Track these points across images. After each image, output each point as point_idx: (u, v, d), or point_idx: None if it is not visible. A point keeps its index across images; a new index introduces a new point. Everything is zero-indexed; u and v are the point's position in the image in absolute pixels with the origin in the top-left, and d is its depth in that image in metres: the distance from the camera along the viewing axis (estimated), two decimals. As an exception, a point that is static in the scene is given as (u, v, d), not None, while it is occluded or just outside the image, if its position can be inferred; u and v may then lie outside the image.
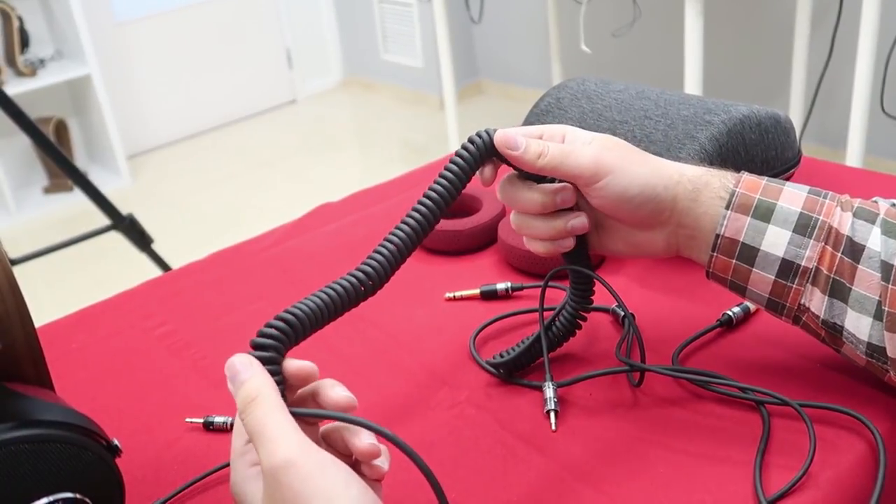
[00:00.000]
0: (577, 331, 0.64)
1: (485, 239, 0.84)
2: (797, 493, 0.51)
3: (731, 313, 0.67)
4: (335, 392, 0.44)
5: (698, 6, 2.06)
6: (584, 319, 0.63)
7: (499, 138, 0.54)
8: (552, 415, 0.59)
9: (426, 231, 0.52)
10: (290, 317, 0.45)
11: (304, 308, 0.46)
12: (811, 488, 0.51)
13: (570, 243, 0.58)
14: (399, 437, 0.41)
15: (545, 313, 0.64)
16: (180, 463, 0.60)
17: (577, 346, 0.67)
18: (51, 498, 0.43)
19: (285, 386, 0.44)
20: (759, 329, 0.67)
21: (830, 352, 0.62)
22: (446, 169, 0.54)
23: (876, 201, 0.55)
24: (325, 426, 0.46)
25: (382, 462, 0.44)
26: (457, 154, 0.55)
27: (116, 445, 0.47)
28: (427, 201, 0.52)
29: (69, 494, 0.44)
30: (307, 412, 0.44)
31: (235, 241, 0.93)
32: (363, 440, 0.43)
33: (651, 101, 0.80)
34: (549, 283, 0.64)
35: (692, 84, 2.16)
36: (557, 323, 0.63)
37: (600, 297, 0.71)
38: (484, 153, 0.55)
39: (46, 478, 0.43)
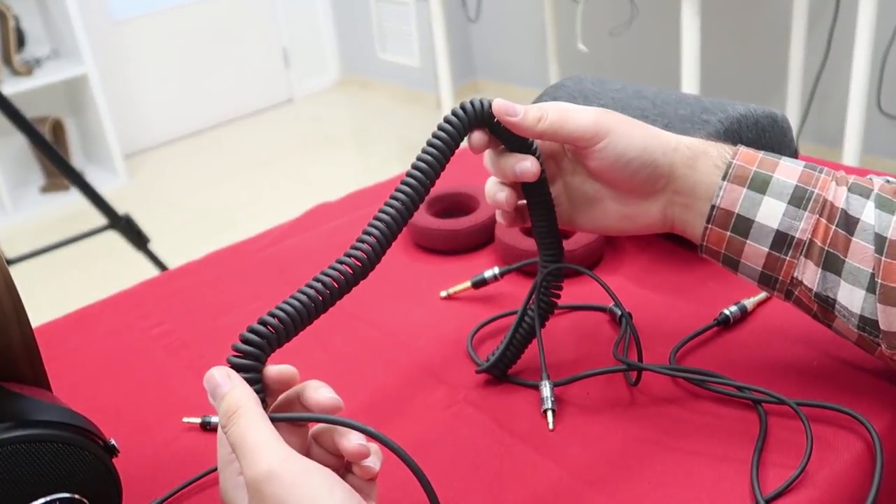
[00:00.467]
0: (554, 309, 0.63)
1: (482, 238, 0.84)
2: (794, 492, 0.51)
3: (727, 312, 0.67)
4: (320, 394, 0.44)
5: (695, 5, 2.07)
6: (558, 296, 0.62)
7: (497, 105, 0.54)
8: (549, 414, 0.59)
9: (416, 205, 0.52)
10: (272, 320, 0.45)
11: (288, 308, 0.45)
12: (808, 487, 0.51)
13: (507, 194, 0.58)
14: (386, 436, 0.41)
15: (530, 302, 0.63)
16: (178, 463, 0.60)
17: (574, 345, 0.67)
18: (48, 498, 0.43)
19: (266, 392, 0.44)
20: (755, 328, 0.67)
21: (827, 350, 0.63)
22: (433, 136, 0.53)
23: (870, 178, 0.55)
24: (315, 428, 0.46)
25: (373, 462, 0.44)
26: (445, 120, 0.53)
27: (113, 445, 0.47)
28: (416, 172, 0.51)
29: (66, 494, 0.44)
30: (288, 417, 0.44)
31: (233, 240, 0.93)
32: (351, 441, 0.43)
33: (648, 100, 0.80)
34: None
35: (689, 83, 2.16)
36: (532, 307, 0.62)
37: (598, 296, 0.71)
38: (473, 121, 0.54)
39: (43, 478, 0.43)
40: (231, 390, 0.42)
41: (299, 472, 0.39)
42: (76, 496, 0.44)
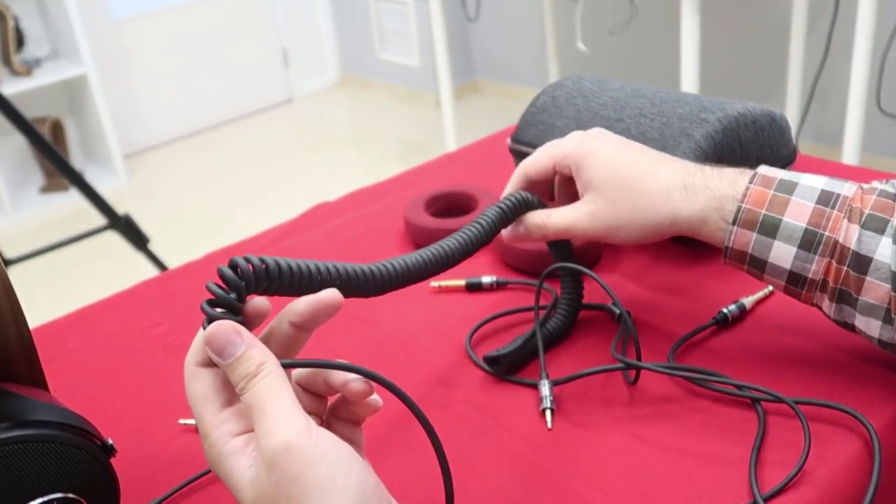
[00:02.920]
0: (572, 328, 0.64)
1: (481, 237, 0.84)
2: (793, 490, 0.51)
3: (726, 311, 0.67)
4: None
5: (694, 4, 2.07)
6: (576, 316, 0.64)
7: (506, 237, 0.65)
8: (548, 413, 0.59)
9: (458, 259, 0.57)
10: (253, 260, 0.42)
11: (269, 260, 0.43)
12: (807, 485, 0.51)
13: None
14: (394, 384, 0.41)
15: (539, 311, 0.64)
16: (176, 463, 0.60)
17: (573, 343, 0.67)
18: (45, 498, 0.43)
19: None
20: (754, 327, 0.67)
21: (826, 349, 0.63)
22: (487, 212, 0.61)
23: (893, 198, 0.53)
24: (307, 372, 0.44)
25: (376, 399, 0.43)
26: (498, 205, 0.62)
27: (111, 445, 0.47)
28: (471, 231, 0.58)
29: (64, 495, 0.44)
30: (299, 363, 0.42)
31: (232, 240, 0.93)
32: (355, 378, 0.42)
33: (647, 98, 0.80)
34: (543, 285, 0.64)
35: (688, 82, 2.16)
36: (553, 321, 0.63)
37: (596, 294, 0.71)
38: (518, 210, 0.63)
39: (41, 478, 0.43)
40: (248, 350, 0.39)
41: (317, 450, 0.37)
42: (74, 496, 0.44)
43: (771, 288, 0.70)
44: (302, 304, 0.43)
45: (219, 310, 0.41)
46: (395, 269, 0.51)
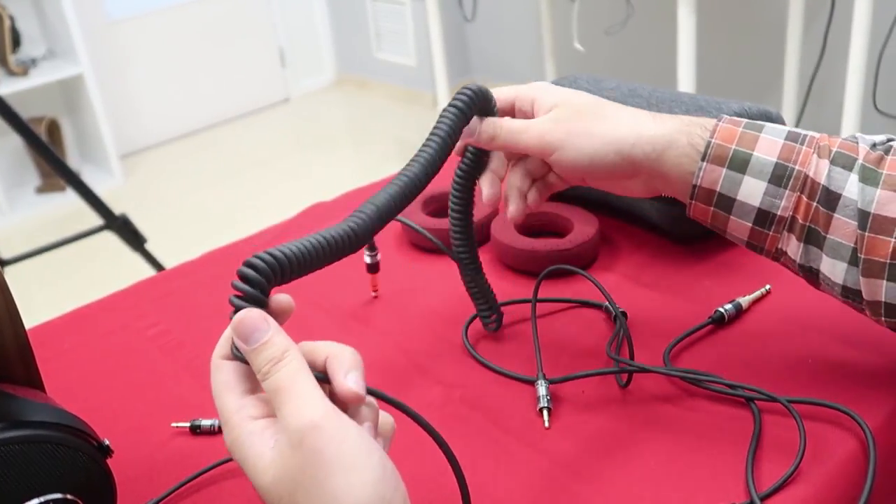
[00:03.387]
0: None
1: (477, 237, 0.84)
2: (788, 489, 0.51)
3: (722, 310, 0.67)
4: (348, 381, 0.40)
5: (691, 4, 2.07)
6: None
7: (465, 132, 0.58)
8: (545, 412, 0.59)
9: (429, 178, 0.53)
10: (278, 253, 0.43)
11: (293, 248, 0.43)
12: (802, 484, 0.51)
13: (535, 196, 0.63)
14: (410, 408, 0.41)
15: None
16: (173, 463, 0.60)
17: (570, 342, 0.68)
18: (42, 499, 0.43)
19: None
20: (750, 326, 0.67)
21: (822, 348, 0.63)
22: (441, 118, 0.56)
23: (856, 141, 0.54)
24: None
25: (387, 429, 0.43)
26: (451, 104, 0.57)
27: (108, 446, 0.47)
28: (427, 149, 0.53)
29: (60, 495, 0.44)
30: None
31: (229, 240, 0.93)
32: (349, 380, 0.40)
33: (643, 98, 0.80)
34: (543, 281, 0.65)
35: (685, 82, 2.16)
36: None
37: (594, 293, 0.71)
38: (476, 105, 0.58)
39: (37, 479, 0.43)
40: (275, 336, 0.40)
41: (342, 430, 0.37)
42: (70, 497, 0.44)
43: (768, 287, 0.70)
44: None
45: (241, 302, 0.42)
46: (375, 210, 0.50)
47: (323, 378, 0.41)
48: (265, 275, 0.42)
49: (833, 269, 0.53)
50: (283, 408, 0.38)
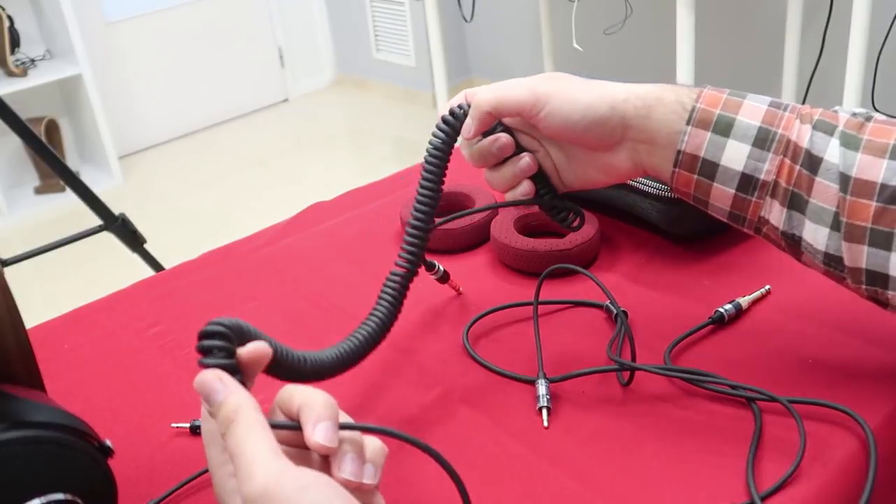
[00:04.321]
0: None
1: (477, 238, 0.84)
2: (789, 489, 0.51)
3: (722, 311, 0.67)
4: (316, 435, 0.40)
5: (689, 3, 2.07)
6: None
7: (463, 134, 0.60)
8: (544, 412, 0.59)
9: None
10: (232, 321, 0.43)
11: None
12: (803, 484, 0.51)
13: (527, 186, 0.61)
14: (415, 438, 0.40)
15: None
16: (173, 463, 0.60)
17: (571, 341, 0.67)
18: (43, 499, 0.43)
19: (244, 376, 0.42)
20: (750, 326, 0.67)
21: (823, 348, 0.63)
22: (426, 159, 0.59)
23: (836, 111, 0.55)
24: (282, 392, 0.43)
25: (370, 476, 0.41)
26: (437, 127, 0.60)
27: (108, 446, 0.47)
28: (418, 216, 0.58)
29: (61, 496, 0.44)
30: (284, 425, 0.41)
31: (228, 240, 0.93)
32: (316, 434, 0.39)
33: (642, 98, 0.80)
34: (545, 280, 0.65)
35: (684, 81, 2.16)
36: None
37: (594, 293, 0.71)
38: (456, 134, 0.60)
39: (38, 479, 0.43)
40: (227, 397, 0.40)
41: (295, 490, 0.37)
42: (71, 497, 0.44)
43: (768, 287, 0.70)
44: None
45: (212, 360, 0.42)
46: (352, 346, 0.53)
47: (297, 427, 0.41)
48: (226, 335, 0.42)
49: (815, 235, 0.53)
50: (238, 473, 0.38)
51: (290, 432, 0.41)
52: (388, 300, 0.58)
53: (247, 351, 0.43)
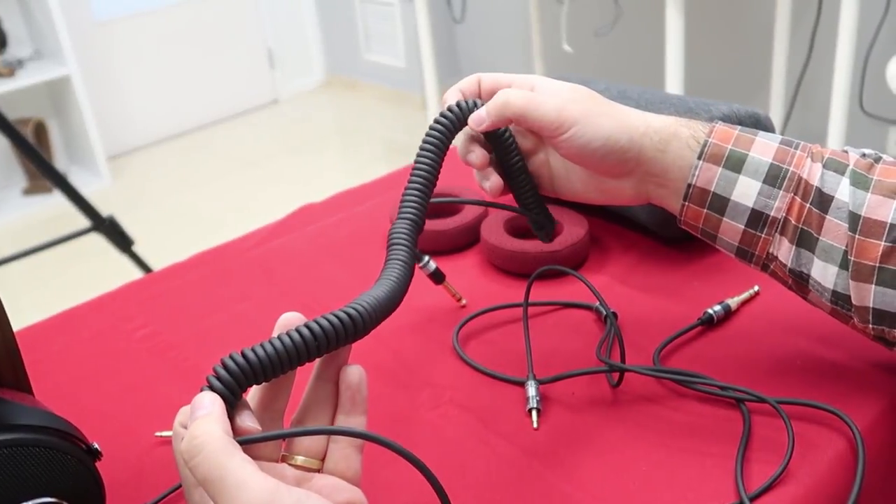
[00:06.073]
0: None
1: (467, 239, 0.84)
2: (778, 489, 0.51)
3: (711, 312, 0.67)
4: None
5: (679, 6, 2.08)
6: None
7: (471, 121, 0.58)
8: (534, 413, 0.59)
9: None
10: (252, 355, 0.41)
11: (269, 349, 0.42)
12: (792, 484, 0.51)
13: (495, 180, 0.61)
14: (389, 439, 0.40)
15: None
16: (162, 467, 0.60)
17: (560, 343, 0.68)
18: (31, 502, 0.43)
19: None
20: (739, 327, 0.67)
21: (811, 349, 0.63)
22: (424, 141, 0.57)
23: (846, 151, 0.55)
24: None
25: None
26: (436, 120, 0.58)
27: (96, 449, 0.47)
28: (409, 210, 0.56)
29: (49, 499, 0.43)
30: (261, 437, 0.40)
31: (218, 241, 0.92)
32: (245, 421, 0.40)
33: (632, 100, 0.80)
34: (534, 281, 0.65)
35: (673, 83, 2.17)
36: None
37: (584, 295, 0.72)
38: (459, 124, 0.59)
39: (25, 482, 0.43)
40: (194, 424, 0.38)
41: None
42: (59, 500, 0.44)
43: (757, 288, 0.70)
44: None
45: (217, 384, 0.41)
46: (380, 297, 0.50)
47: (273, 437, 0.41)
48: (233, 375, 0.41)
49: (824, 272, 0.53)
50: (223, 494, 0.36)
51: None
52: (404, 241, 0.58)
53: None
